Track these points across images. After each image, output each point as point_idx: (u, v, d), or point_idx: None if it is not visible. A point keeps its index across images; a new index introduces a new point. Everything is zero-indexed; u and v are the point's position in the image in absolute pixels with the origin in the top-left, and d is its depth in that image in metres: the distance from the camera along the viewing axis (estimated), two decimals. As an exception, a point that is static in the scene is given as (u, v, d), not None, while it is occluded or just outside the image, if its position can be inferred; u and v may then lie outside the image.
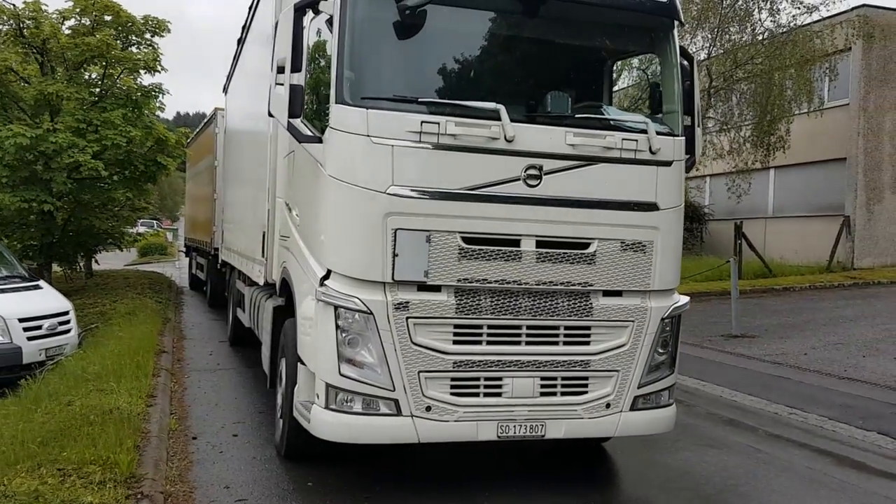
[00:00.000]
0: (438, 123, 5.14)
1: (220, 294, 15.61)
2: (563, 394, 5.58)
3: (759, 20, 21.42)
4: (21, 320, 9.89)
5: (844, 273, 22.62)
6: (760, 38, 21.20)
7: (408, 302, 5.20)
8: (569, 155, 5.43)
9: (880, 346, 12.77)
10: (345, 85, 5.19)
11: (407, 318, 5.19)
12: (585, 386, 5.63)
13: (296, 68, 5.29)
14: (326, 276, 5.32)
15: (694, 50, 21.64)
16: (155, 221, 62.29)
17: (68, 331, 10.75)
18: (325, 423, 5.28)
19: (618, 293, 5.68)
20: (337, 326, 5.18)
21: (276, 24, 5.57)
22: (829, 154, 24.11)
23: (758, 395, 9.51)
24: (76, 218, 16.06)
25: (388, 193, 5.11)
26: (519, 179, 5.32)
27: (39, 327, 10.14)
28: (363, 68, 5.30)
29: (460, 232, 5.25)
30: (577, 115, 5.62)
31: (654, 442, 7.14)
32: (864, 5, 22.56)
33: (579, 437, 5.79)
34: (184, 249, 25.01)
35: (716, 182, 28.03)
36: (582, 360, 5.59)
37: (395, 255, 5.14)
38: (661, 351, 5.85)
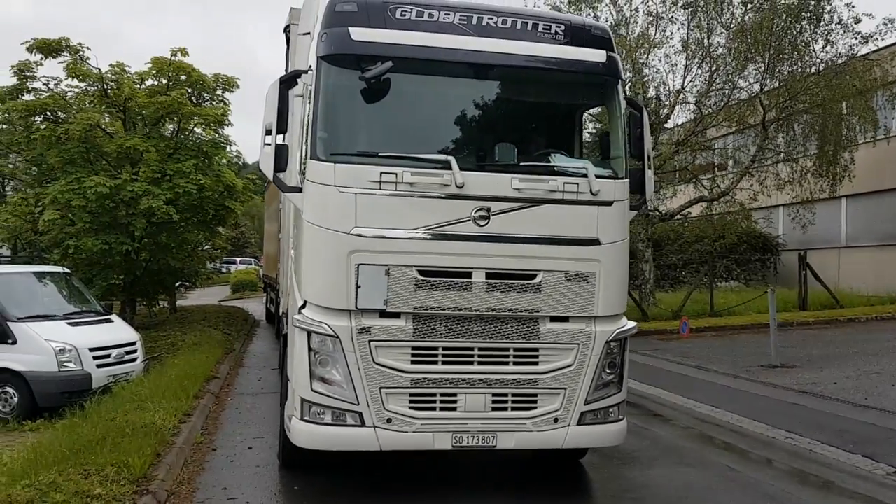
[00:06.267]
0: (396, 174, 6.00)
1: (286, 326, 16.79)
2: (513, 409, 6.25)
3: (814, 52, 21.41)
4: (91, 350, 11.27)
5: (919, 304, 22.02)
6: (814, 69, 21.17)
7: (370, 327, 6.02)
8: (514, 198, 6.17)
9: (917, 375, 12.67)
10: (318, 143, 6.12)
11: (369, 341, 6.01)
12: (534, 402, 6.29)
13: (281, 130, 6.28)
14: (303, 306, 6.21)
15: (747, 84, 21.82)
16: (253, 259, 65.35)
17: (135, 359, 12.11)
18: (301, 433, 6.13)
19: (564, 318, 6.34)
20: (309, 349, 6.05)
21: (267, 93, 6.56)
22: (899, 182, 23.64)
23: (763, 422, 9.75)
24: (155, 258, 17.67)
25: (352, 234, 5.97)
26: (469, 220, 6.09)
27: (108, 356, 11.53)
28: (333, 129, 6.22)
29: (416, 266, 6.05)
30: (521, 163, 6.37)
31: (632, 459, 7.68)
32: (927, 32, 22.16)
33: (530, 448, 6.42)
34: (262, 285, 26.64)
35: (787, 212, 27.70)
36: (530, 379, 6.26)
37: (357, 287, 5.98)
38: (608, 371, 6.45)
